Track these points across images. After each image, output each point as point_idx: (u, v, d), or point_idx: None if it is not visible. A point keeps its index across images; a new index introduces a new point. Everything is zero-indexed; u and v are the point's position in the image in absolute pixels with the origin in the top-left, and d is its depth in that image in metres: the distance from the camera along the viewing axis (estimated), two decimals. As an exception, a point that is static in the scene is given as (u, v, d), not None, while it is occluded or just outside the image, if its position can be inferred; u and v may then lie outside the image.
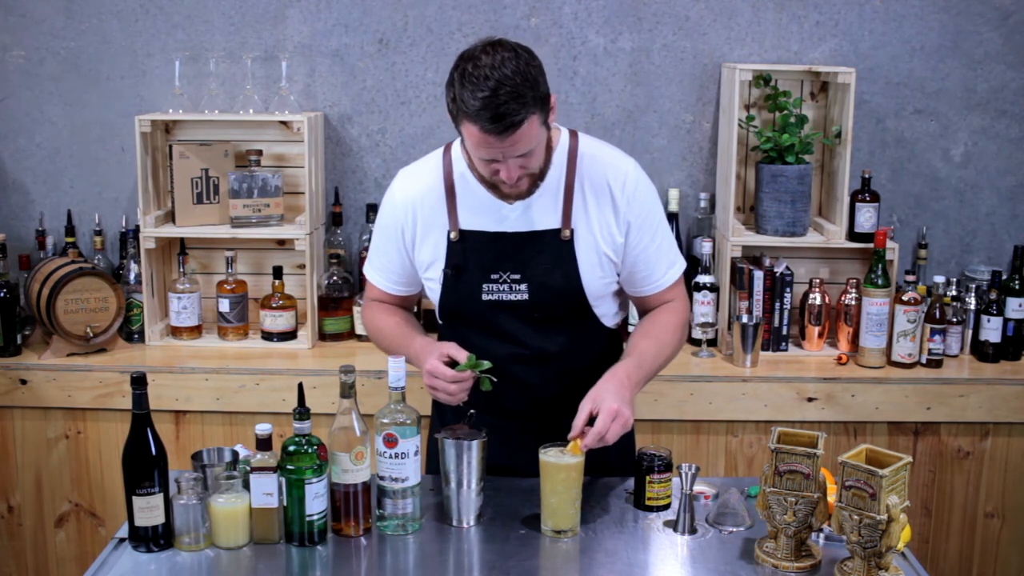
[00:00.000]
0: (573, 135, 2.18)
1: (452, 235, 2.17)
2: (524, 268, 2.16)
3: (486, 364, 2.08)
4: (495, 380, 2.09)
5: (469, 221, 2.17)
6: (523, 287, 2.16)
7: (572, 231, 2.15)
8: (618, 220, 2.16)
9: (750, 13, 3.38)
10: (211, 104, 3.34)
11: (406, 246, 2.23)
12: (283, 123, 3.29)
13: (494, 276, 2.17)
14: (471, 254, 2.17)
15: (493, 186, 2.12)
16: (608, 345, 2.31)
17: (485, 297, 2.17)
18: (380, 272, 2.31)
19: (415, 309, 2.89)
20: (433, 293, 2.25)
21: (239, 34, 3.40)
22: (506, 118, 1.92)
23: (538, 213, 2.15)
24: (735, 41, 3.40)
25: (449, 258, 2.18)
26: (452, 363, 2.10)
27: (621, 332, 2.38)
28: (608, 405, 2.00)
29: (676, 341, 2.26)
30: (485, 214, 2.16)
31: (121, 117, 3.43)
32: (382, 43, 3.41)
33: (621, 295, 2.30)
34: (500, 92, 1.90)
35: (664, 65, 3.41)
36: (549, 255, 2.15)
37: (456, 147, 2.20)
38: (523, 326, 2.19)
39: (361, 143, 3.47)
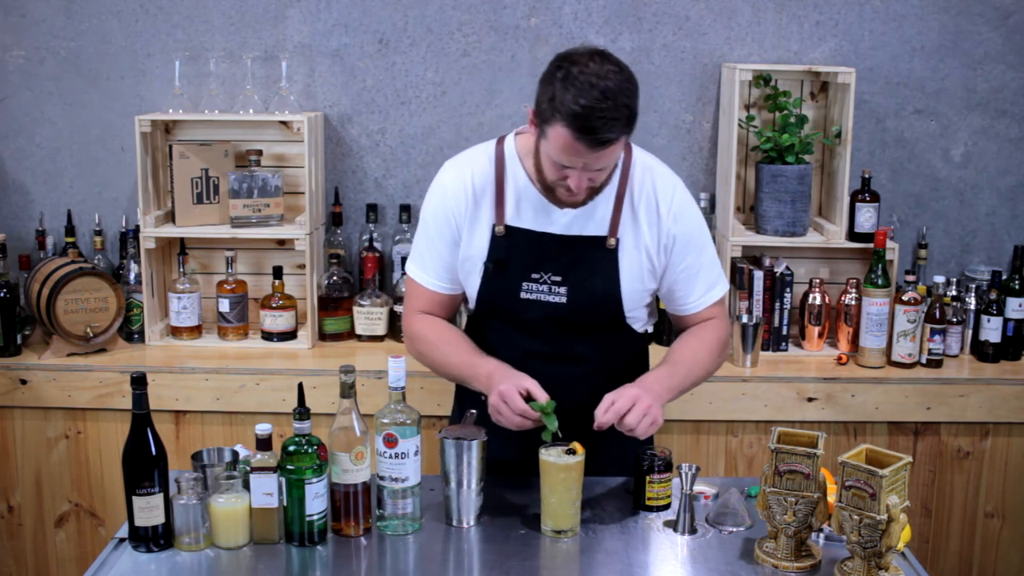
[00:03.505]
0: (627, 147, 2.18)
1: (498, 229, 2.15)
2: (566, 271, 2.15)
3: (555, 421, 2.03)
4: (560, 435, 2.04)
5: (516, 218, 2.15)
6: (563, 290, 2.16)
7: (617, 240, 2.15)
8: (660, 235, 2.16)
9: (750, 13, 3.38)
10: (211, 104, 3.34)
11: (457, 236, 2.18)
12: (283, 123, 3.29)
13: (535, 275, 2.16)
14: (515, 251, 2.15)
15: (549, 189, 2.09)
16: (637, 350, 2.32)
17: (523, 295, 2.17)
18: (429, 271, 2.23)
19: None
20: (471, 284, 2.21)
21: (239, 34, 3.40)
22: (602, 132, 1.90)
23: (586, 219, 2.14)
24: (735, 41, 3.40)
25: (492, 252, 2.16)
26: (526, 397, 2.05)
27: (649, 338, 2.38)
28: (644, 401, 2.03)
29: (712, 357, 2.26)
30: (533, 214, 2.15)
31: (121, 117, 3.43)
32: (382, 43, 3.41)
33: (653, 304, 2.31)
34: (603, 104, 1.89)
35: (664, 65, 3.41)
36: (592, 261, 2.15)
37: (510, 143, 2.18)
38: (556, 327, 2.19)
39: (361, 143, 3.47)
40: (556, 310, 2.17)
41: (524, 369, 2.12)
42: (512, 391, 2.04)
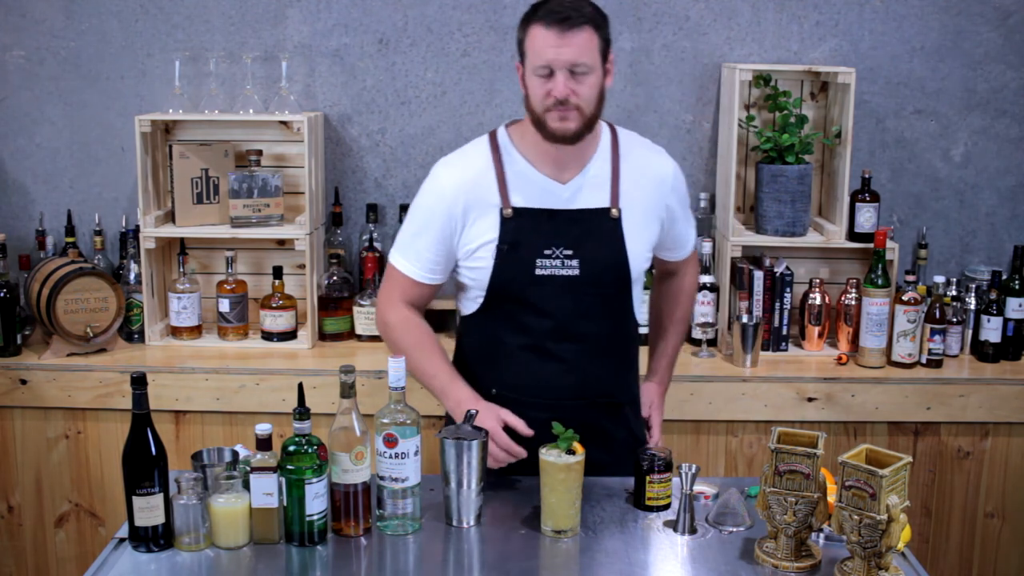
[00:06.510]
0: (610, 126, 2.32)
1: (506, 212, 2.22)
2: (576, 245, 2.23)
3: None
4: (570, 449, 2.04)
5: (521, 199, 2.23)
6: (575, 263, 2.23)
7: (620, 210, 2.25)
8: (659, 204, 2.31)
9: (750, 13, 3.38)
10: (211, 104, 3.34)
11: (452, 231, 2.25)
12: (283, 123, 3.29)
13: (547, 252, 2.23)
14: (526, 231, 2.22)
15: (541, 125, 2.15)
16: (633, 336, 2.42)
17: (538, 272, 2.23)
18: (414, 261, 2.30)
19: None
20: (481, 272, 2.25)
21: (239, 34, 3.40)
22: (566, 13, 2.07)
23: (588, 194, 2.25)
24: (735, 41, 3.40)
25: (503, 235, 2.22)
26: (505, 429, 2.16)
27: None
28: (660, 419, 2.52)
29: (690, 314, 2.67)
30: (537, 193, 2.23)
31: (121, 117, 3.43)
32: (382, 43, 3.41)
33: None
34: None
35: (664, 65, 3.41)
36: (599, 232, 2.25)
37: (502, 134, 2.28)
38: (568, 303, 2.25)
39: (361, 143, 3.47)
40: (570, 283, 2.24)
41: (533, 352, 2.24)
42: (497, 430, 2.15)
